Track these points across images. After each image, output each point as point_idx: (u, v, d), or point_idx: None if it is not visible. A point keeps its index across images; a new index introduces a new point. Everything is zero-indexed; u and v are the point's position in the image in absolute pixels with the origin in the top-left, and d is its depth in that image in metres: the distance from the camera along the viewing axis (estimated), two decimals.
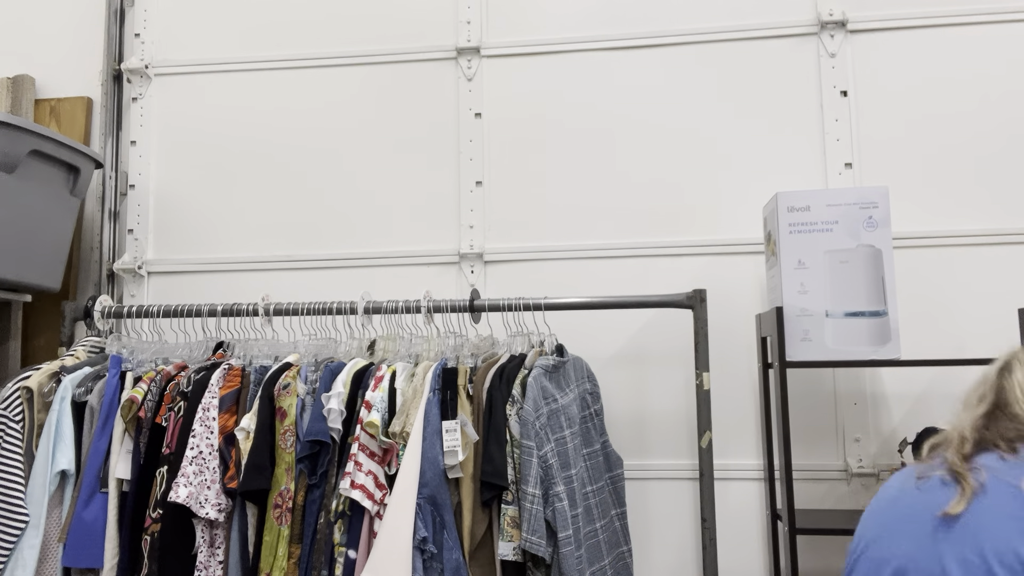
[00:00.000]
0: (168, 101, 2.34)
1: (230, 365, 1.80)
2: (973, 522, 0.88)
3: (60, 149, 1.98)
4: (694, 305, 1.85)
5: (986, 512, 0.88)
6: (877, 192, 1.73)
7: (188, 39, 2.36)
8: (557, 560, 1.56)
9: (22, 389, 1.79)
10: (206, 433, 1.70)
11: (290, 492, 1.65)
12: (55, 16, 2.41)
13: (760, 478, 1.97)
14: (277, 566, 1.61)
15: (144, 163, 2.32)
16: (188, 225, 2.29)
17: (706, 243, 2.07)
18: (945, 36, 2.06)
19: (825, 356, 1.71)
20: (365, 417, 1.64)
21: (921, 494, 0.96)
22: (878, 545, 0.97)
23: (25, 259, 1.94)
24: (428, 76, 2.24)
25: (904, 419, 1.96)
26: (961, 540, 0.87)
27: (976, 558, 0.85)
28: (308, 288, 2.18)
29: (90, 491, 1.72)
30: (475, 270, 2.14)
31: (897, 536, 0.95)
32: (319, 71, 2.29)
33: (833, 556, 1.93)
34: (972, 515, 0.88)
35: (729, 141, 2.10)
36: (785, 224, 1.75)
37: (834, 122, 2.06)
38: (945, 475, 0.95)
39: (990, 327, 1.92)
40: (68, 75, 2.37)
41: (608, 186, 2.13)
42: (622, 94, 2.16)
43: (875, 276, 1.71)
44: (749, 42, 2.13)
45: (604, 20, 2.19)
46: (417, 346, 1.83)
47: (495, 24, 2.24)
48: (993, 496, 0.89)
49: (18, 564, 1.69)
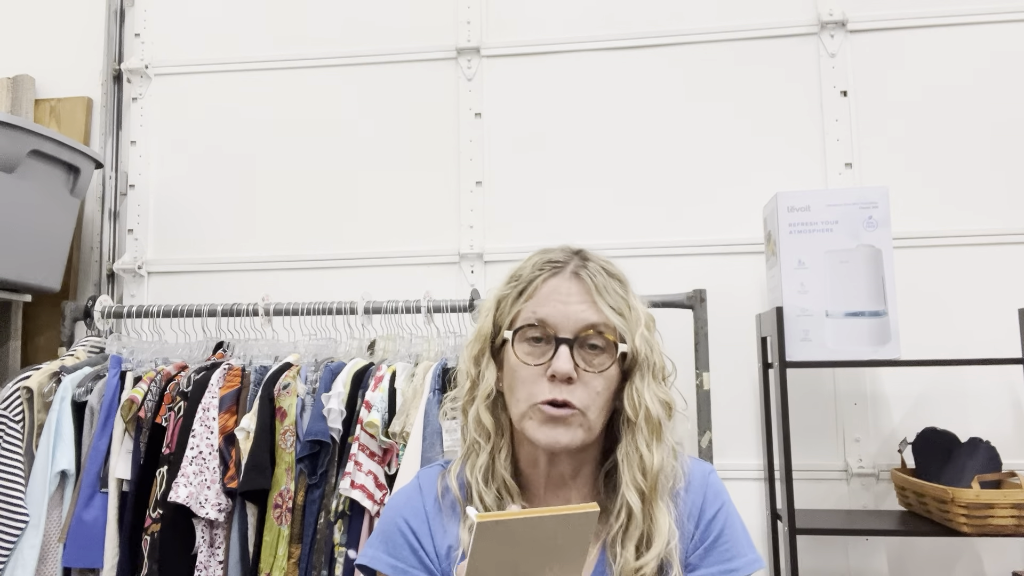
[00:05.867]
0: (168, 101, 2.34)
1: (230, 365, 1.80)
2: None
3: (60, 149, 1.98)
4: (694, 305, 1.85)
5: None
6: (877, 192, 1.73)
7: (188, 39, 2.36)
8: None
9: (22, 389, 1.79)
10: (206, 433, 1.70)
11: (290, 492, 1.65)
12: (55, 16, 2.41)
13: (760, 478, 1.96)
14: (277, 566, 1.61)
15: (144, 163, 2.32)
16: (188, 225, 2.29)
17: (706, 243, 2.07)
18: (945, 36, 2.06)
19: (825, 356, 1.70)
20: (365, 417, 1.64)
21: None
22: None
23: (25, 259, 1.94)
24: (428, 76, 2.24)
25: (904, 419, 1.95)
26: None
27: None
28: (308, 288, 2.18)
29: (90, 491, 1.72)
30: (475, 270, 2.14)
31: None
32: (319, 71, 2.29)
33: (833, 556, 1.93)
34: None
35: (729, 141, 2.10)
36: (785, 224, 1.75)
37: (834, 122, 2.06)
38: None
39: (990, 327, 1.92)
40: (68, 75, 2.36)
41: (608, 186, 2.13)
42: (622, 94, 2.16)
43: (875, 276, 1.70)
44: (749, 42, 2.13)
45: (604, 20, 2.19)
46: (417, 346, 1.83)
47: (495, 24, 2.24)
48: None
49: (18, 564, 1.69)
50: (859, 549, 1.93)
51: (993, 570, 1.89)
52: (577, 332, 0.91)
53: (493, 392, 0.96)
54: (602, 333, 0.92)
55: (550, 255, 0.98)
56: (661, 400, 0.95)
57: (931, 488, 1.68)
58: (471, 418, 0.98)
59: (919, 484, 1.73)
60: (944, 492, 1.63)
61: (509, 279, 0.99)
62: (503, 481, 0.95)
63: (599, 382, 0.91)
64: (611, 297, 0.93)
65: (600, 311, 0.92)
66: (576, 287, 0.94)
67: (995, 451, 1.75)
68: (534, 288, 0.95)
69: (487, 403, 0.96)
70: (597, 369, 0.91)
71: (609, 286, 0.94)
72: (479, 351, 0.98)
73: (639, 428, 0.92)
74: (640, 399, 0.93)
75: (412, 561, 0.94)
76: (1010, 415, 1.92)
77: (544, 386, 0.90)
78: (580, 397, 0.90)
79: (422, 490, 1.00)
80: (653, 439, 0.93)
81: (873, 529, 1.71)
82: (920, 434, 1.83)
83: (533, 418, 0.91)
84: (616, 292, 0.94)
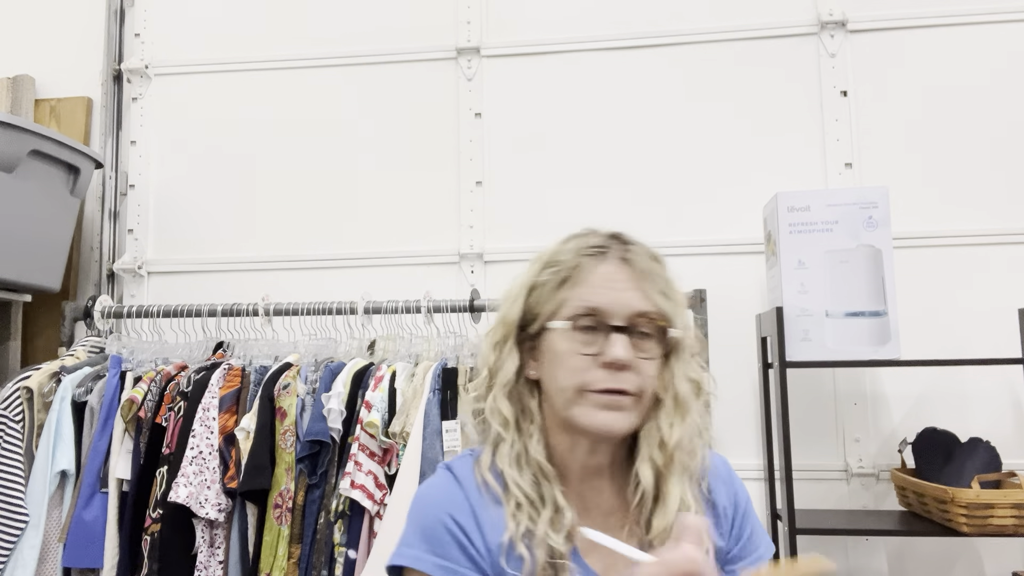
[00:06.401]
0: (168, 101, 2.34)
1: (230, 365, 1.80)
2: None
3: (60, 149, 1.97)
4: (694, 305, 1.85)
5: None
6: (877, 192, 1.73)
7: (188, 39, 2.36)
8: None
9: (22, 389, 1.79)
10: (206, 433, 1.70)
11: (290, 492, 1.65)
12: (55, 16, 2.41)
13: (760, 478, 1.96)
14: (277, 566, 1.61)
15: (144, 163, 2.32)
16: (188, 225, 2.29)
17: (706, 243, 2.07)
18: (945, 36, 2.06)
19: (825, 356, 1.70)
20: (365, 417, 1.64)
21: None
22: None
23: (25, 259, 1.94)
24: (428, 76, 2.24)
25: (904, 419, 1.95)
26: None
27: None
28: (308, 288, 2.18)
29: (90, 491, 1.72)
30: (475, 270, 2.14)
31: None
32: (319, 71, 2.29)
33: (833, 556, 1.93)
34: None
35: (729, 141, 2.10)
36: (785, 224, 1.75)
37: (834, 122, 2.06)
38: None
39: (990, 327, 1.92)
40: (68, 75, 2.36)
41: (608, 186, 2.13)
42: (622, 94, 2.16)
43: (875, 276, 1.70)
44: (749, 42, 2.13)
45: (604, 20, 2.19)
46: (417, 346, 1.83)
47: (495, 24, 2.24)
48: None
49: (18, 564, 1.69)
50: (859, 549, 1.93)
51: (993, 570, 1.89)
52: (629, 319, 0.90)
53: (512, 380, 0.95)
54: (653, 320, 0.91)
55: (589, 240, 0.96)
56: (690, 379, 0.94)
57: (931, 488, 1.68)
58: (488, 407, 0.95)
59: (919, 484, 1.73)
60: (944, 492, 1.63)
61: (545, 265, 0.96)
62: (538, 466, 0.92)
63: (650, 367, 0.91)
64: (658, 281, 0.93)
65: (649, 297, 0.91)
66: (624, 273, 0.92)
67: (995, 451, 1.75)
68: (580, 275, 0.93)
69: (505, 391, 0.94)
70: (648, 355, 0.91)
71: (654, 270, 0.93)
72: (501, 338, 0.96)
73: (664, 406, 0.92)
74: (672, 379, 0.92)
75: (462, 560, 0.88)
76: (1010, 415, 1.92)
77: (597, 373, 0.89)
78: (635, 383, 0.89)
79: (461, 483, 0.94)
80: (676, 416, 0.92)
81: (873, 529, 1.71)
82: (920, 434, 1.83)
83: (585, 404, 0.89)
84: (661, 276, 0.94)
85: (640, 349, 0.90)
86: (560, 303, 0.93)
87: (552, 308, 0.93)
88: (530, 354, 0.96)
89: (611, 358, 0.88)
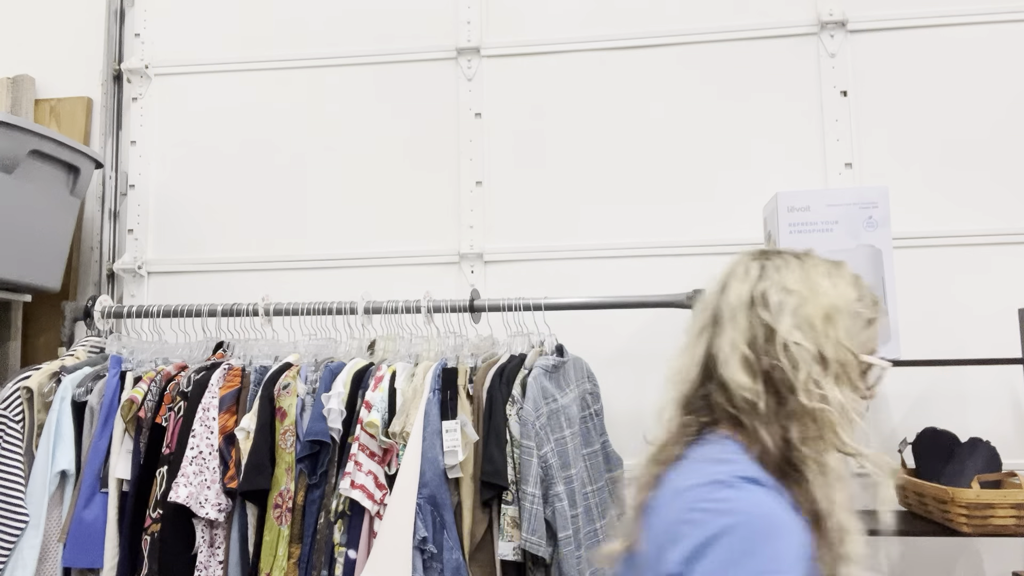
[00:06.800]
0: (168, 101, 2.34)
1: (230, 365, 1.80)
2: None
3: (60, 149, 1.98)
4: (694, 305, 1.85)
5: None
6: (877, 192, 1.72)
7: (188, 39, 2.36)
8: (557, 560, 1.56)
9: (22, 389, 1.79)
10: (206, 433, 1.70)
11: (290, 492, 1.65)
12: (55, 16, 2.41)
13: None
14: (277, 566, 1.61)
15: (144, 163, 2.32)
16: (188, 225, 2.29)
17: (706, 243, 2.07)
18: (945, 36, 2.06)
19: None
20: (365, 417, 1.64)
21: None
22: None
23: (25, 259, 1.94)
24: (428, 76, 2.24)
25: (904, 419, 1.95)
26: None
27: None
28: (308, 288, 2.18)
29: (90, 491, 1.72)
30: (475, 270, 2.14)
31: None
32: (319, 71, 2.29)
33: None
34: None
35: (729, 141, 2.10)
36: (785, 224, 1.75)
37: (834, 122, 2.06)
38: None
39: (990, 327, 1.92)
40: (68, 75, 2.36)
41: (608, 185, 2.13)
42: (622, 94, 2.16)
43: (875, 276, 1.70)
44: (749, 42, 2.13)
45: (604, 20, 2.19)
46: (417, 346, 1.83)
47: (495, 24, 2.24)
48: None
49: (18, 564, 1.69)
50: None
51: (993, 570, 1.89)
52: None
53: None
54: None
55: (876, 295, 1.08)
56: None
57: (931, 488, 1.68)
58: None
59: (919, 484, 1.73)
60: (944, 492, 1.63)
61: (864, 298, 1.05)
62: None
63: None
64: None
65: None
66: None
67: (995, 451, 1.75)
68: (875, 324, 1.05)
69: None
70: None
71: None
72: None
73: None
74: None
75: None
76: (1010, 415, 1.92)
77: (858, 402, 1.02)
78: None
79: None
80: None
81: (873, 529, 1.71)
82: (920, 434, 1.83)
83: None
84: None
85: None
86: (867, 340, 1.03)
87: (861, 342, 1.02)
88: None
89: (874, 394, 1.06)
